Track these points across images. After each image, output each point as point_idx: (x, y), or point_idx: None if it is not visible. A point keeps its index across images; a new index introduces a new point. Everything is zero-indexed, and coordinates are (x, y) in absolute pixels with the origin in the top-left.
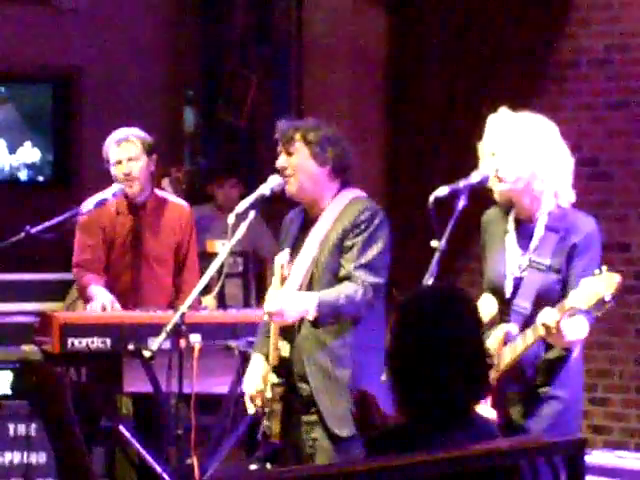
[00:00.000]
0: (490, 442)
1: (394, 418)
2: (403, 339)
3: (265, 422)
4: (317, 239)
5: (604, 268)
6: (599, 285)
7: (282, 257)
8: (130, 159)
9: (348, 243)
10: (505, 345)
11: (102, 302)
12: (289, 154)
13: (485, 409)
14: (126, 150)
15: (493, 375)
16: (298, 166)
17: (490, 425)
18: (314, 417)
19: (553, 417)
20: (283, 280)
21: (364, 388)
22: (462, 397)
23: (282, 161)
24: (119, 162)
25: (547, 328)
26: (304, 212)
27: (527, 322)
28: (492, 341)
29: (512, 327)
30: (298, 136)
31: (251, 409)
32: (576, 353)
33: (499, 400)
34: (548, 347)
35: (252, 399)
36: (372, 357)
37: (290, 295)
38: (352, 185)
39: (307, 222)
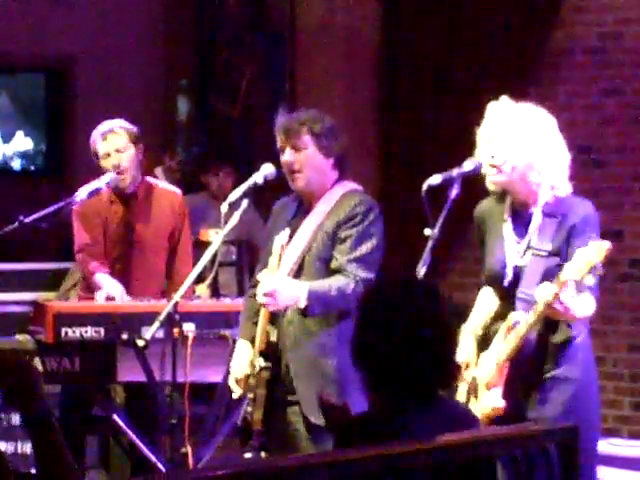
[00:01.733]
0: (484, 430)
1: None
2: (366, 330)
3: (247, 408)
4: (311, 228)
5: (591, 238)
6: (590, 254)
7: (282, 237)
8: (118, 150)
9: (342, 235)
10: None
11: (112, 293)
12: (296, 149)
13: (495, 399)
14: (113, 142)
15: (502, 363)
16: (308, 161)
17: (460, 408)
18: (296, 407)
19: (566, 401)
20: (281, 260)
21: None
22: (426, 383)
23: (289, 157)
24: (107, 155)
25: (547, 303)
26: (298, 201)
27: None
28: (501, 332)
29: (520, 315)
30: (305, 130)
31: (236, 393)
32: (582, 337)
33: (510, 390)
34: (553, 331)
35: (238, 382)
36: None
37: (283, 280)
38: (348, 177)
39: (301, 211)
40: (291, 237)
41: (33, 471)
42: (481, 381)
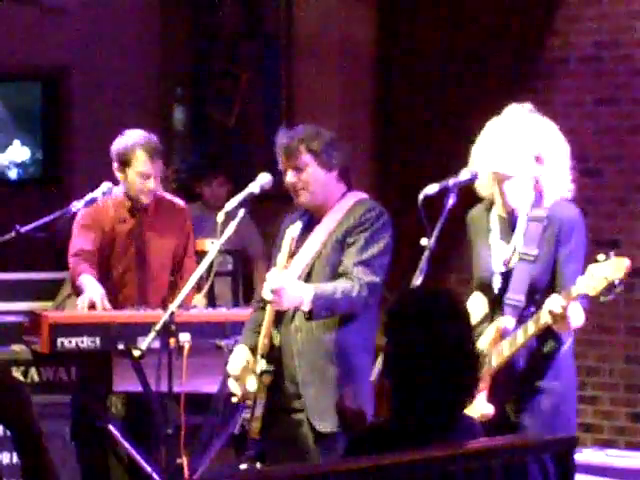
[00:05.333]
0: (479, 441)
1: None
2: (395, 344)
3: (245, 416)
4: (321, 236)
5: (612, 253)
6: (607, 270)
7: (293, 230)
8: (157, 177)
9: (350, 240)
10: (502, 339)
11: (90, 297)
12: (297, 169)
13: (481, 404)
14: (158, 167)
15: (488, 370)
16: (309, 179)
17: (475, 427)
18: (301, 414)
19: (550, 411)
20: (291, 255)
21: (357, 408)
22: (452, 399)
23: (291, 178)
24: (148, 176)
25: (554, 315)
26: (307, 215)
27: (522, 314)
28: (487, 337)
29: (508, 321)
30: (303, 148)
31: (235, 390)
32: (567, 345)
33: (495, 395)
34: (541, 341)
35: (237, 379)
36: (363, 356)
37: (291, 280)
38: (357, 188)
39: (311, 223)
40: (300, 247)
41: None
42: None
